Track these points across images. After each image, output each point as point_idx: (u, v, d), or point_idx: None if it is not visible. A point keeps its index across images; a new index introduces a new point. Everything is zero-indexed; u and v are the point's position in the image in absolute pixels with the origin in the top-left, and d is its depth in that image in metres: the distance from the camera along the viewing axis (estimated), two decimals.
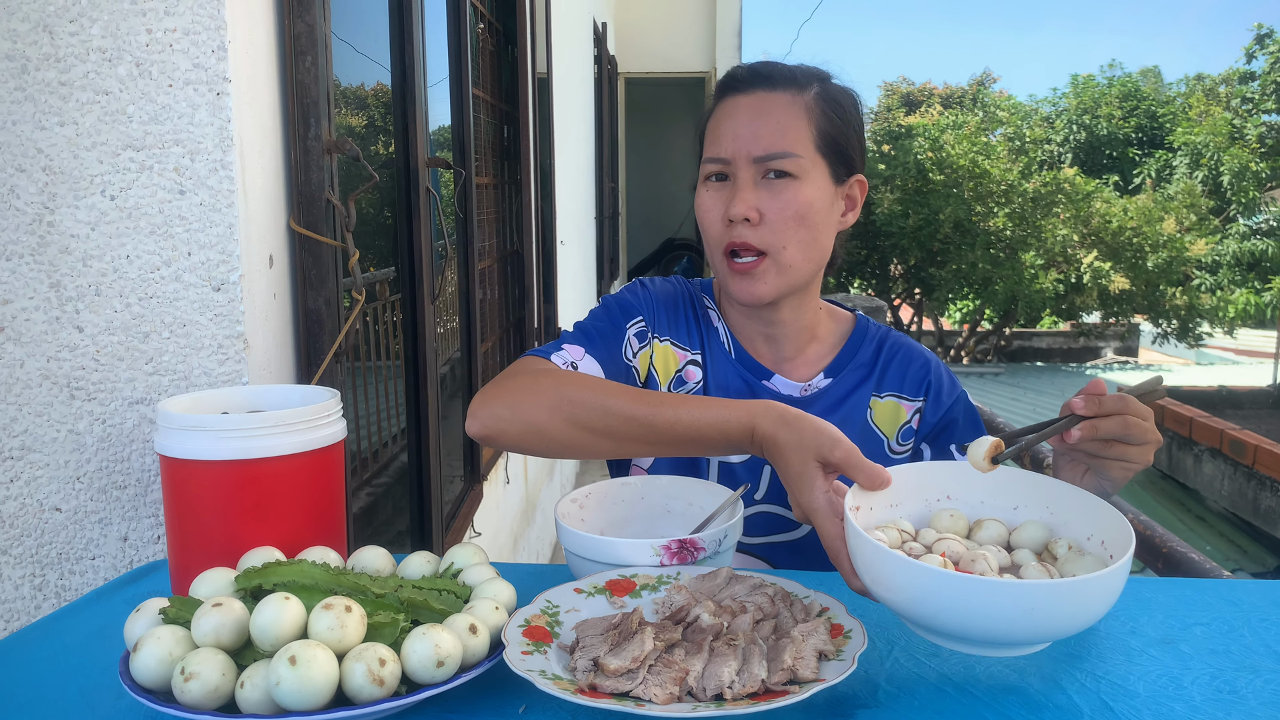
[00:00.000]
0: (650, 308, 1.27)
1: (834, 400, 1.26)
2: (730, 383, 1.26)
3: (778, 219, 1.16)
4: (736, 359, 1.27)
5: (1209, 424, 6.78)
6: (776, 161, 1.16)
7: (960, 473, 0.94)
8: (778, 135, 1.16)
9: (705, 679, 0.76)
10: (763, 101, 1.18)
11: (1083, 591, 0.75)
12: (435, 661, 0.75)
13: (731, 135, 1.18)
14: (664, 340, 1.27)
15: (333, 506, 1.06)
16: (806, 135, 1.18)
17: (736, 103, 1.20)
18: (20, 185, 1.22)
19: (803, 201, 1.17)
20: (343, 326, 1.43)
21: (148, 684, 0.76)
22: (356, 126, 2.11)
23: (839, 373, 1.28)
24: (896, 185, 15.21)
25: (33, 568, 1.27)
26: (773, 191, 1.16)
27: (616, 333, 1.22)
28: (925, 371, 1.28)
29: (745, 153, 1.17)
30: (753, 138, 1.17)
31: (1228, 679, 0.84)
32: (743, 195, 1.16)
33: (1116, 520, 0.85)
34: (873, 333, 1.32)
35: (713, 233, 1.20)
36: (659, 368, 1.26)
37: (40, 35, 1.21)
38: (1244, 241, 16.54)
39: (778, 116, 1.17)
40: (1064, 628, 0.77)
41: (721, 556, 1.00)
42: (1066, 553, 0.87)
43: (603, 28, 7.94)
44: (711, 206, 1.19)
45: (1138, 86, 20.90)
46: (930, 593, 0.76)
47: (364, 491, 2.11)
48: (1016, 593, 0.74)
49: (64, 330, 1.25)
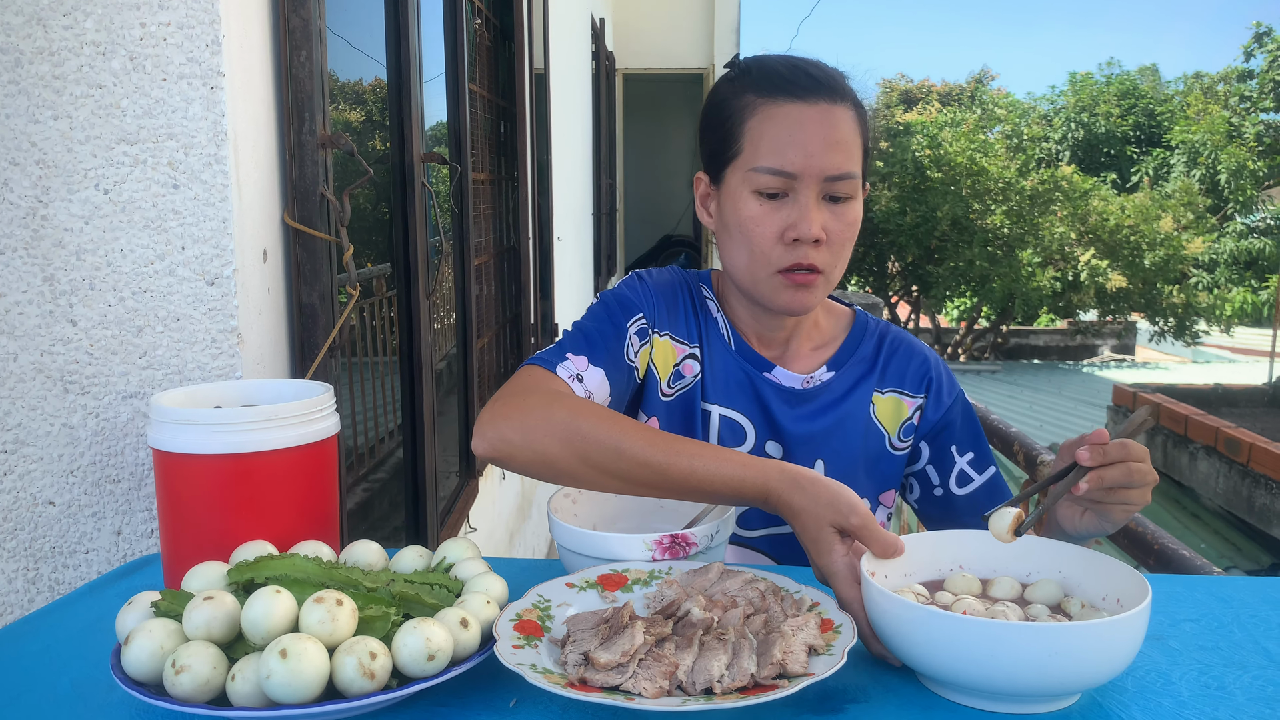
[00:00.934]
0: (650, 302, 1.24)
1: (838, 394, 1.25)
2: (730, 374, 1.25)
3: (839, 240, 1.14)
4: (737, 350, 1.26)
5: (1204, 422, 6.79)
6: (843, 183, 1.13)
7: (973, 542, 0.94)
8: (846, 155, 1.13)
9: (695, 673, 0.76)
10: (830, 116, 1.12)
11: (1110, 633, 0.74)
12: (426, 655, 0.76)
13: (800, 150, 1.11)
14: (663, 335, 1.25)
15: (326, 501, 1.06)
16: (859, 153, 1.15)
17: (801, 112, 1.12)
18: (14, 179, 1.22)
19: (857, 221, 1.16)
20: (337, 321, 1.43)
21: (139, 677, 0.76)
22: (353, 122, 2.11)
23: (841, 366, 1.27)
24: (894, 182, 15.21)
25: (26, 561, 1.27)
26: (835, 213, 1.13)
27: (619, 334, 1.18)
28: (926, 368, 1.27)
29: (817, 171, 1.11)
30: (824, 155, 1.11)
31: (1216, 675, 0.84)
32: (812, 216, 1.11)
33: (1131, 577, 0.83)
34: (873, 328, 1.31)
35: (766, 250, 1.14)
36: (658, 363, 1.24)
37: (34, 28, 1.20)
38: (1241, 240, 16.57)
39: (844, 134, 1.13)
40: (1090, 674, 0.75)
41: (713, 552, 1.00)
42: (1081, 610, 0.86)
43: (601, 23, 7.93)
44: (768, 223, 1.13)
45: (1136, 85, 20.90)
46: (954, 642, 0.75)
47: (360, 487, 2.12)
48: (1042, 636, 0.73)
49: (57, 324, 1.25)
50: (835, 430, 1.23)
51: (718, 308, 1.29)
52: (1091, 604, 0.87)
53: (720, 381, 1.25)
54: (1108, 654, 0.75)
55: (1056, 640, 0.73)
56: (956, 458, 1.25)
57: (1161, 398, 7.65)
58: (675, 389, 1.24)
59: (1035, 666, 0.73)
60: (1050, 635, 0.73)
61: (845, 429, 1.24)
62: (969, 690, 0.78)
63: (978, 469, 1.25)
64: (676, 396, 1.24)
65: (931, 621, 0.76)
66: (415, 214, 2.11)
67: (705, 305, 1.29)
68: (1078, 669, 0.74)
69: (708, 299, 1.29)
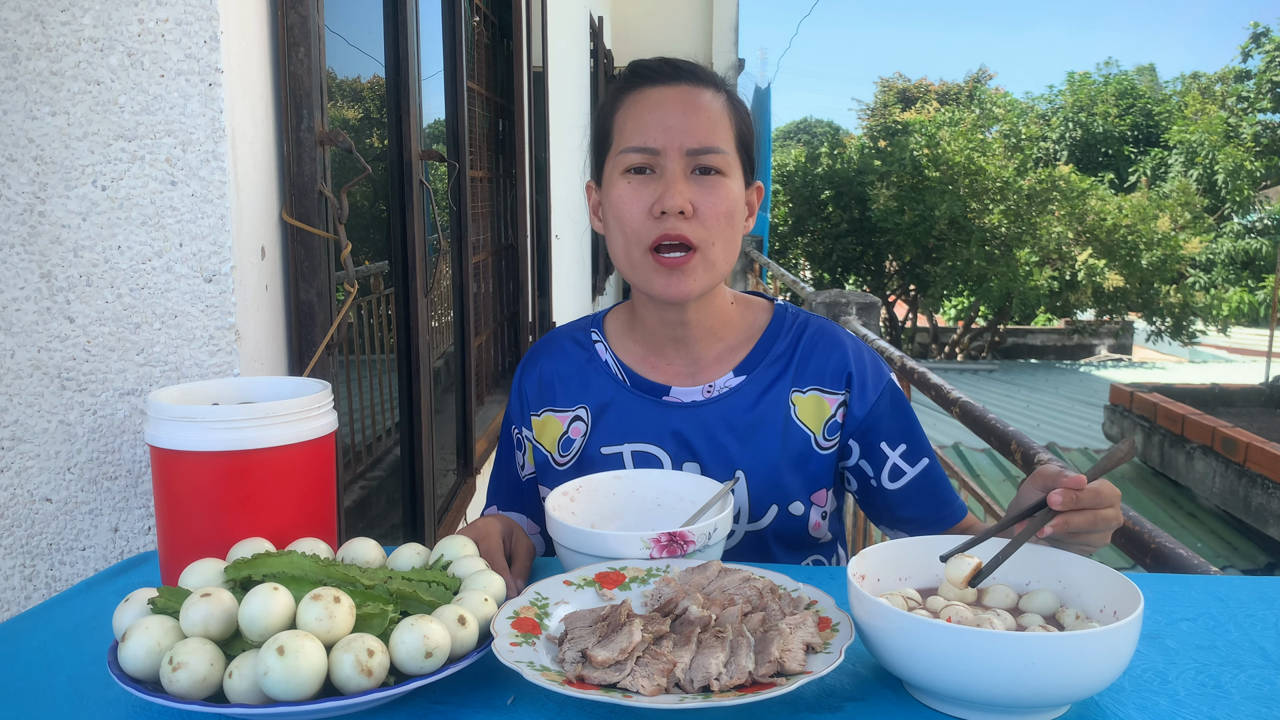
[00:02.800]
0: (520, 407, 1.32)
1: (749, 399, 1.22)
2: (628, 410, 1.24)
3: (710, 214, 1.13)
4: (632, 385, 1.25)
5: (1201, 421, 6.80)
6: (709, 156, 1.13)
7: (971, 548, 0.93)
8: (710, 129, 1.14)
9: (693, 670, 0.76)
10: (691, 95, 1.15)
11: (1088, 646, 0.72)
12: (424, 652, 0.76)
13: (660, 126, 1.13)
14: (542, 414, 1.29)
15: (323, 498, 1.06)
16: (730, 134, 1.16)
17: (661, 94, 1.16)
18: (11, 175, 1.22)
19: (731, 199, 1.15)
20: (334, 319, 1.43)
21: (136, 674, 0.76)
22: (350, 119, 2.10)
23: (753, 369, 1.23)
24: (892, 181, 15.22)
25: (23, 558, 1.27)
26: (704, 187, 1.14)
27: (512, 462, 1.34)
28: (845, 364, 1.22)
29: (678, 144, 1.13)
30: (685, 130, 1.13)
31: (1212, 674, 0.85)
32: (678, 187, 1.12)
33: (1129, 591, 0.82)
34: (790, 323, 1.26)
35: (636, 226, 1.14)
36: (543, 441, 1.29)
37: (31, 24, 1.20)
38: (1238, 240, 16.59)
39: (708, 111, 1.15)
40: (1069, 687, 0.74)
41: (711, 550, 1.00)
42: (1074, 621, 0.85)
43: (599, 21, 7.92)
44: (634, 199, 1.14)
45: (1134, 84, 20.92)
46: (929, 649, 0.74)
47: (357, 485, 2.12)
48: (1017, 646, 0.72)
49: (55, 320, 1.25)
50: (750, 437, 1.20)
51: (607, 348, 1.29)
52: (1087, 615, 0.86)
53: (621, 421, 1.24)
54: (1089, 668, 0.73)
55: (1034, 651, 0.71)
56: (888, 452, 1.22)
57: (1158, 397, 7.67)
58: (568, 456, 1.27)
59: (1012, 677, 0.72)
60: (1027, 646, 0.72)
61: (761, 434, 1.20)
62: (948, 699, 0.77)
63: (910, 461, 1.22)
64: (571, 462, 1.26)
65: (907, 627, 0.75)
66: (413, 211, 2.11)
67: (593, 354, 1.29)
68: (1057, 682, 0.73)
69: (596, 342, 1.30)
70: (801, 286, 5.68)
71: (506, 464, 1.35)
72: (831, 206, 16.18)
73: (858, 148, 16.96)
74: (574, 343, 1.32)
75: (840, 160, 16.53)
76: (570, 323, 1.37)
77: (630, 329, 1.29)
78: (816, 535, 1.24)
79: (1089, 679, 0.74)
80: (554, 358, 1.31)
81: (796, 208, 16.64)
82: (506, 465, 1.35)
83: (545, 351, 1.33)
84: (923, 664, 0.75)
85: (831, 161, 16.59)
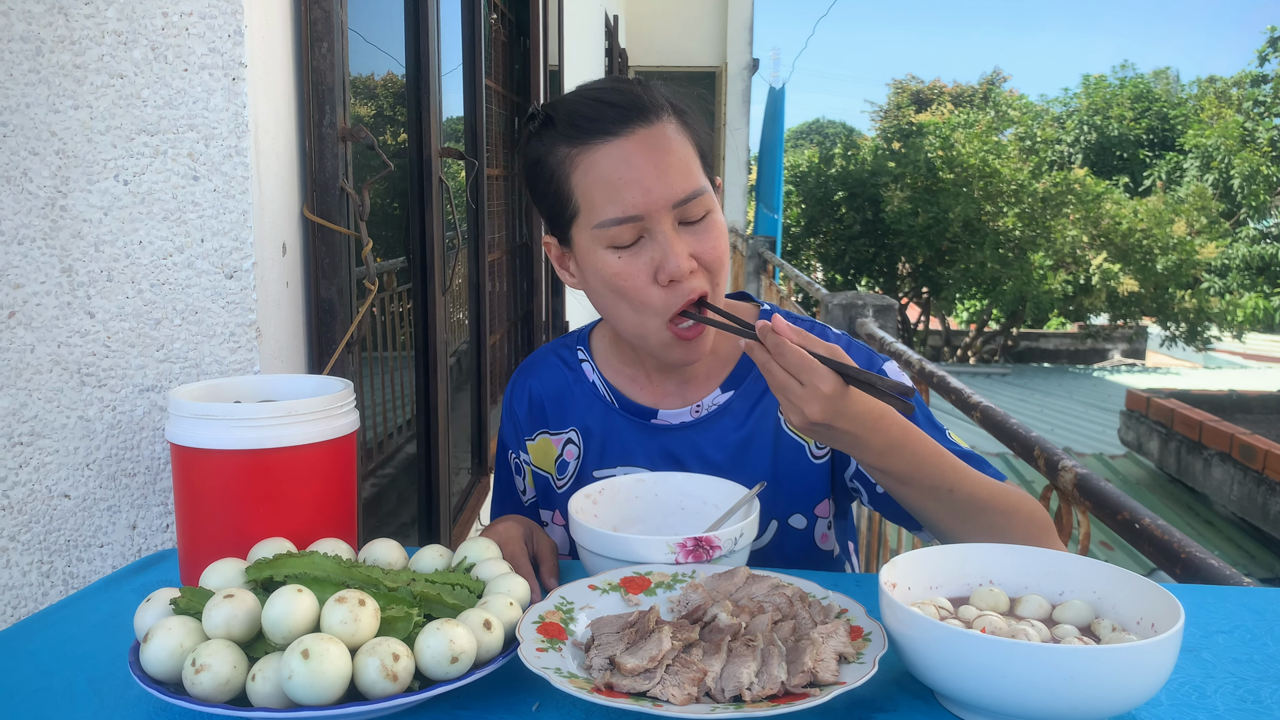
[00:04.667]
0: (514, 431, 1.29)
1: (738, 415, 1.18)
2: (617, 434, 1.22)
3: (710, 259, 1.07)
4: (620, 408, 1.22)
5: (1219, 428, 6.75)
6: (694, 202, 1.05)
7: (1004, 556, 0.91)
8: (685, 171, 1.05)
9: (724, 680, 0.74)
10: (652, 140, 1.05)
11: (1129, 660, 0.70)
12: (449, 657, 0.74)
13: (636, 187, 1.03)
14: (536, 438, 1.27)
15: (344, 498, 1.05)
16: (697, 160, 1.08)
17: (620, 148, 1.04)
18: (33, 169, 1.21)
19: (721, 230, 1.09)
20: (354, 316, 1.42)
21: (158, 675, 0.75)
22: (364, 116, 2.10)
23: (740, 383, 1.20)
24: (906, 183, 15.16)
25: (41, 554, 1.26)
26: (697, 234, 1.06)
27: (512, 486, 1.31)
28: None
29: (662, 201, 1.03)
30: (663, 183, 1.03)
31: (1251, 688, 0.83)
32: (675, 249, 1.04)
33: (1167, 602, 0.80)
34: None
35: (646, 299, 1.06)
36: (540, 463, 1.27)
37: (55, 17, 1.19)
38: (1254, 245, 16.47)
39: (675, 152, 1.05)
40: (1108, 702, 0.72)
41: (737, 555, 0.99)
42: (1111, 633, 0.82)
43: (614, 20, 7.91)
44: (634, 272, 1.05)
45: (1149, 88, 20.80)
46: (965, 660, 0.72)
47: (369, 482, 2.11)
48: (1057, 659, 0.70)
49: (75, 316, 1.24)
50: (742, 455, 1.18)
51: (594, 368, 1.25)
52: (1124, 627, 0.84)
53: (611, 445, 1.22)
54: (1130, 682, 0.71)
55: (1074, 664, 0.69)
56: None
57: (1175, 403, 7.62)
58: (565, 478, 1.25)
59: (1049, 690, 0.70)
60: (1068, 659, 0.70)
61: (753, 450, 1.17)
62: (981, 711, 0.75)
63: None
64: (569, 485, 1.25)
65: (942, 637, 0.73)
66: (432, 209, 2.10)
67: (580, 374, 1.26)
68: (1095, 696, 0.71)
69: (583, 361, 1.26)
70: (815, 288, 5.66)
71: (508, 488, 1.32)
72: (845, 208, 16.13)
73: (872, 149, 16.91)
74: (560, 361, 1.28)
75: (854, 161, 16.49)
76: (556, 339, 1.32)
77: (617, 348, 1.25)
78: (825, 548, 1.22)
79: (1129, 693, 0.72)
80: (541, 378, 1.28)
81: (809, 209, 16.59)
82: (509, 489, 1.32)
83: (532, 372, 1.29)
84: (958, 675, 0.73)
85: (845, 163, 16.54)
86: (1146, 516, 1.36)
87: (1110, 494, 1.46)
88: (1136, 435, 8.12)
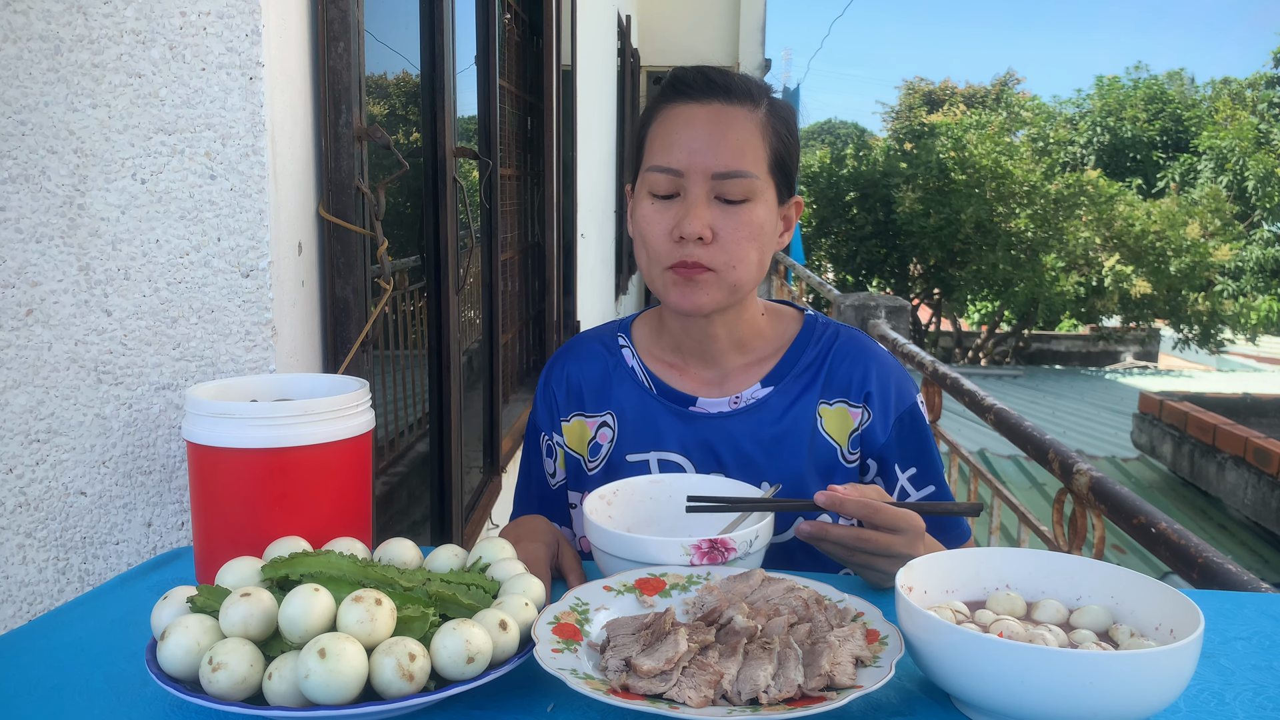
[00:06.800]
0: (549, 413, 1.29)
1: (776, 411, 1.20)
2: (653, 419, 1.23)
3: (731, 239, 1.11)
4: (658, 393, 1.23)
5: (1233, 432, 6.71)
6: (733, 181, 1.10)
7: (1021, 561, 0.91)
8: (737, 153, 1.10)
9: (740, 682, 0.74)
10: (721, 114, 1.11)
11: (1149, 666, 0.70)
12: (466, 658, 0.74)
13: (686, 147, 1.10)
14: (572, 419, 1.28)
15: (359, 497, 1.05)
16: (762, 155, 1.12)
17: (691, 111, 1.12)
18: (51, 167, 1.22)
19: (756, 223, 1.12)
20: (369, 315, 1.42)
21: (175, 673, 0.75)
22: (380, 115, 2.10)
23: (780, 381, 1.21)
24: (918, 184, 15.12)
25: (56, 551, 1.27)
26: (727, 213, 1.11)
27: (541, 470, 1.30)
28: (867, 381, 1.20)
29: (703, 168, 1.10)
30: (711, 153, 1.10)
31: (1271, 695, 0.82)
32: (697, 212, 1.09)
33: (1186, 609, 0.79)
34: (819, 334, 1.24)
35: (657, 248, 1.13)
36: (573, 445, 1.28)
37: (74, 16, 1.20)
38: (1268, 248, 16.37)
39: (738, 132, 1.11)
40: (1126, 708, 0.71)
41: (752, 558, 0.99)
42: (1129, 639, 0.82)
43: (626, 20, 7.91)
44: (658, 221, 1.12)
45: (1163, 89, 20.69)
46: (983, 665, 0.72)
47: (380, 480, 2.11)
48: (1076, 664, 0.69)
49: (92, 314, 1.24)
50: (776, 449, 1.19)
51: (634, 354, 1.27)
52: (1142, 633, 0.83)
53: (645, 429, 1.23)
54: (1149, 688, 0.71)
55: (1093, 670, 0.69)
56: (898, 473, 1.20)
57: (1189, 406, 7.57)
58: (596, 461, 1.25)
59: (1068, 696, 0.70)
60: (1087, 664, 0.69)
61: (787, 446, 1.19)
62: (999, 716, 0.74)
63: (917, 486, 1.20)
64: (600, 468, 1.25)
65: (960, 642, 0.73)
66: (447, 208, 2.10)
67: (620, 359, 1.28)
68: (1114, 703, 0.70)
69: (623, 348, 1.28)
70: (827, 289, 5.65)
71: (536, 472, 1.33)
72: (856, 209, 16.10)
73: (884, 150, 16.86)
74: (601, 346, 1.30)
75: (866, 162, 16.45)
76: (597, 327, 1.35)
77: (658, 336, 1.27)
78: None
79: (1148, 700, 0.72)
80: (580, 362, 1.29)
81: (821, 209, 16.56)
82: (536, 474, 1.33)
83: (571, 355, 1.31)
84: (976, 680, 0.73)
85: (857, 163, 16.51)
86: (1163, 521, 1.36)
87: (1126, 498, 1.45)
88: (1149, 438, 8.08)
